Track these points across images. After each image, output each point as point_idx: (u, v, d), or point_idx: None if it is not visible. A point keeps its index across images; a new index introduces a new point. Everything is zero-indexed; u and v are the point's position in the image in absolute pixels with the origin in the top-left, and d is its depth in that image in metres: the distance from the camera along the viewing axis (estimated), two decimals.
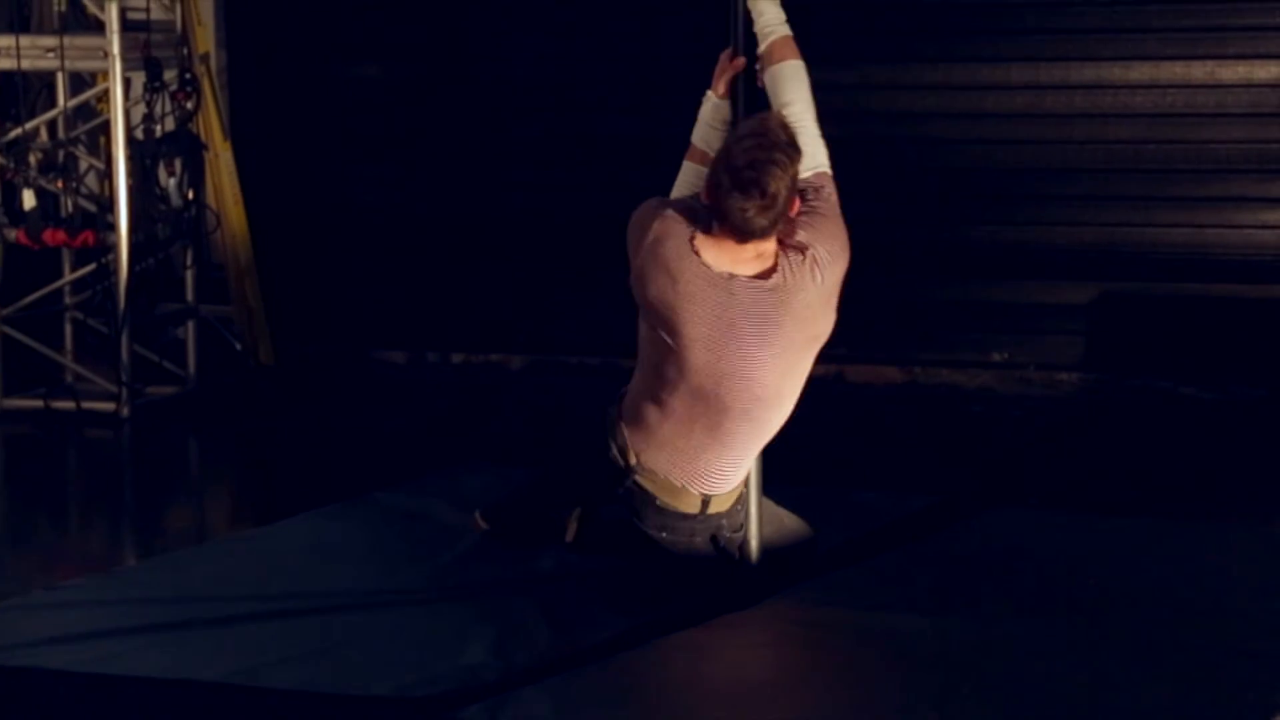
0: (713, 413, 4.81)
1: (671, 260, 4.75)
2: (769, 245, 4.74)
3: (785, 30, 4.93)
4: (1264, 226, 8.01)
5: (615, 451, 4.94)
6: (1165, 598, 4.86)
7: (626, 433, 4.92)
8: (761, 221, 4.67)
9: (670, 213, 4.82)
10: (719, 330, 4.73)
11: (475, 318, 8.90)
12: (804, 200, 4.80)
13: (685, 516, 4.92)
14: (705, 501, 4.91)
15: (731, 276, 4.73)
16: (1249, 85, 7.97)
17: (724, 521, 4.96)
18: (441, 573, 5.18)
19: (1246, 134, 7.99)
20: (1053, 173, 8.25)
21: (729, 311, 4.72)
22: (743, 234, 4.70)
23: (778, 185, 4.64)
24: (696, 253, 4.74)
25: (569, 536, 5.24)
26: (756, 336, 4.73)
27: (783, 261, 4.74)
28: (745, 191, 4.62)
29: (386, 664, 4.40)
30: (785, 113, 4.83)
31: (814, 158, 4.84)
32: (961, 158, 8.33)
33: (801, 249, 4.75)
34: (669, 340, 4.78)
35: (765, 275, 4.74)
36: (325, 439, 7.50)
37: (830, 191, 4.86)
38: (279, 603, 4.92)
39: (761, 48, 4.94)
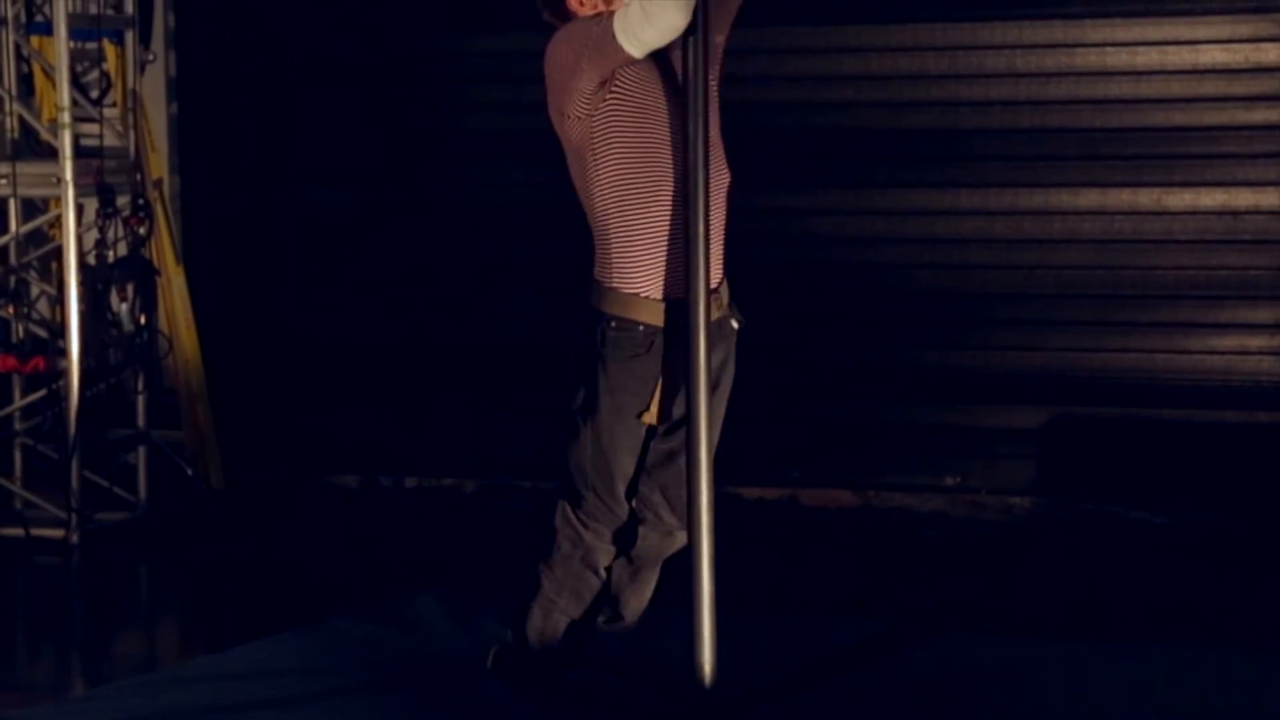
0: None
1: None
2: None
3: None
4: (1212, 352, 8.07)
5: None
6: None
7: None
8: None
9: None
10: None
11: (428, 442, 8.88)
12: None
13: None
14: None
15: None
16: (1195, 212, 8.04)
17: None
18: (395, 700, 5.14)
19: (1193, 260, 8.06)
20: (1003, 297, 8.30)
21: None
22: None
23: None
24: None
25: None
26: None
27: None
28: None
29: None
30: None
31: None
32: (912, 282, 8.38)
33: None
34: None
35: None
36: (278, 564, 7.45)
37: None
38: None
39: None
